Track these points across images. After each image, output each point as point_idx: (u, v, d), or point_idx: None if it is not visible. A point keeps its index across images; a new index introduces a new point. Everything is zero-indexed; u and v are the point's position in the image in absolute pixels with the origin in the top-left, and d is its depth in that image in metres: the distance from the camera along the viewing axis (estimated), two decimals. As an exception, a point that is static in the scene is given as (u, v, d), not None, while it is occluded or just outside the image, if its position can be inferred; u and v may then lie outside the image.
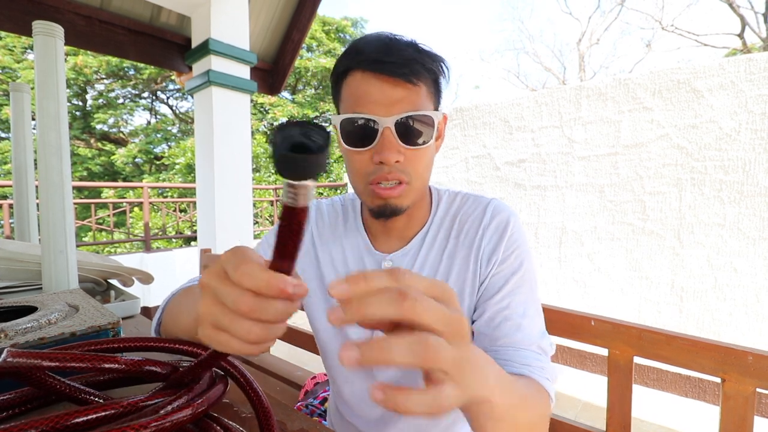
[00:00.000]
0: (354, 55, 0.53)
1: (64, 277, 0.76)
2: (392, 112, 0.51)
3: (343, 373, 0.66)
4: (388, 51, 0.51)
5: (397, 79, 0.51)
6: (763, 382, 0.60)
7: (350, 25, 12.66)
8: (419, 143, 0.53)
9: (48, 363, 0.31)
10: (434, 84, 0.55)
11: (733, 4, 9.70)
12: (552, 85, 14.31)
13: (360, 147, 0.53)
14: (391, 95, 0.51)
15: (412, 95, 0.52)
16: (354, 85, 0.53)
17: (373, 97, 0.51)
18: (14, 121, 1.16)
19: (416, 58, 0.51)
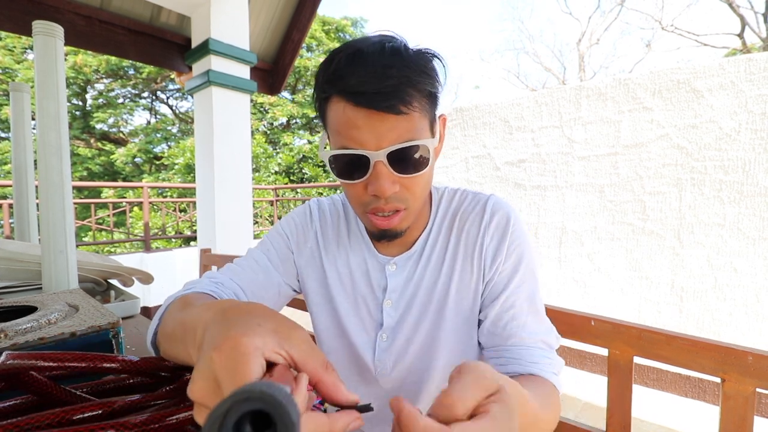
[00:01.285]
0: (336, 81, 0.48)
1: (64, 277, 0.76)
2: (383, 145, 0.47)
3: (344, 375, 0.66)
4: (372, 78, 0.45)
5: (385, 112, 0.46)
6: (763, 382, 0.60)
7: (350, 25, 12.65)
8: (414, 171, 0.50)
9: (45, 363, 0.30)
10: (429, 98, 0.50)
11: (733, 4, 9.70)
12: (552, 85, 14.32)
13: (352, 180, 0.50)
14: (379, 128, 0.47)
15: (402, 123, 0.47)
16: (338, 114, 0.49)
17: (362, 130, 0.47)
18: (14, 121, 1.16)
19: (404, 81, 0.46)
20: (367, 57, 0.46)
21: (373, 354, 0.61)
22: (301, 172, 10.50)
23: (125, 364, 0.36)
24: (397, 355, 0.60)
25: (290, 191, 8.43)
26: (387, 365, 0.60)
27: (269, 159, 10.29)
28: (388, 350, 0.60)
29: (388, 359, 0.60)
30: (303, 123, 12.37)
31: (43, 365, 0.31)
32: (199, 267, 1.74)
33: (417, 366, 0.59)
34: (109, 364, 0.35)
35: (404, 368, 0.60)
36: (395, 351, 0.60)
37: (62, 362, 0.32)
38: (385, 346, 0.60)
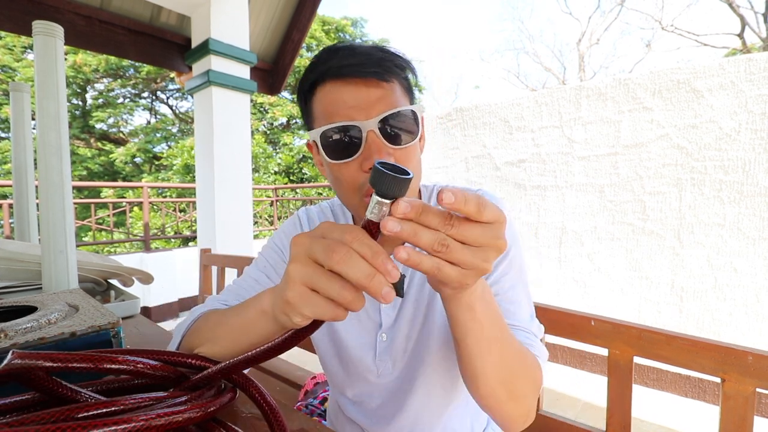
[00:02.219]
0: (319, 67, 0.51)
1: (64, 277, 0.75)
2: (372, 114, 0.48)
3: (345, 378, 0.66)
4: (353, 54, 0.49)
5: (370, 79, 0.49)
6: (763, 382, 0.60)
7: (350, 25, 12.66)
8: (406, 141, 0.51)
9: (53, 364, 0.30)
10: (406, 81, 0.54)
11: (733, 4, 9.70)
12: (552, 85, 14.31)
13: (345, 158, 0.49)
14: (367, 97, 0.49)
15: (389, 94, 0.50)
16: (325, 97, 0.50)
17: (349, 103, 0.48)
18: (14, 121, 1.16)
19: (383, 56, 0.50)
20: (348, 45, 0.51)
21: (374, 355, 0.61)
22: (301, 172, 10.50)
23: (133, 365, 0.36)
24: (397, 353, 0.61)
25: (290, 191, 8.43)
26: (388, 364, 0.61)
27: (269, 159, 10.29)
28: (389, 349, 0.61)
29: (389, 358, 0.61)
30: (302, 123, 12.33)
31: (50, 365, 0.31)
32: (199, 267, 1.74)
33: (415, 361, 0.60)
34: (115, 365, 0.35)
35: (404, 366, 0.61)
36: (395, 349, 0.60)
37: (69, 362, 0.32)
38: (385, 345, 0.61)
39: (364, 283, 0.27)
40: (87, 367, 0.32)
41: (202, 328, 0.50)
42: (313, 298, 0.30)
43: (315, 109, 0.52)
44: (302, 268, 0.30)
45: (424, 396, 0.60)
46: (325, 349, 0.66)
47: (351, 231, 0.29)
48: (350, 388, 0.66)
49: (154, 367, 0.37)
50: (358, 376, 0.63)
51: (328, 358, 0.67)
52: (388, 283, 0.28)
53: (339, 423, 0.71)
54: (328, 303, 0.29)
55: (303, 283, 0.30)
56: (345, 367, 0.64)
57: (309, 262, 0.30)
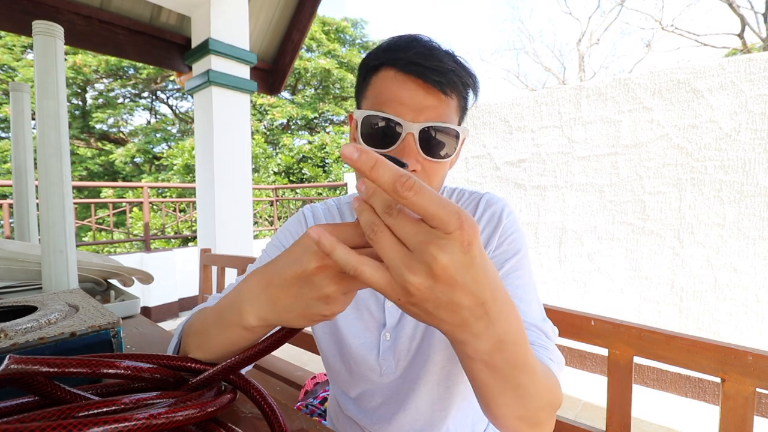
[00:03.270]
0: (391, 52, 0.50)
1: (64, 277, 0.75)
2: (419, 119, 0.48)
3: (347, 376, 0.66)
4: (428, 56, 0.48)
5: (432, 87, 0.48)
6: (763, 382, 0.60)
7: (350, 26, 12.65)
8: (440, 156, 0.51)
9: (49, 369, 0.30)
10: (464, 100, 0.54)
11: (733, 4, 9.70)
12: (552, 85, 14.31)
13: (379, 147, 0.50)
14: (422, 102, 0.49)
15: (443, 106, 0.50)
16: (385, 82, 0.50)
17: (403, 100, 0.49)
18: (14, 121, 1.16)
19: (454, 69, 0.49)
20: (427, 42, 0.50)
21: (377, 354, 0.61)
22: (301, 173, 10.50)
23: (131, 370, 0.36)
24: (401, 352, 0.61)
25: (290, 191, 8.43)
26: (392, 363, 0.61)
27: (269, 159, 10.30)
28: (392, 348, 0.61)
29: (392, 358, 0.61)
30: (302, 124, 12.37)
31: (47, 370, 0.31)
32: (199, 267, 1.74)
33: (418, 360, 0.60)
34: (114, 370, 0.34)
35: (407, 366, 0.61)
36: (399, 349, 0.60)
37: (66, 368, 0.31)
38: (388, 345, 0.61)
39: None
40: (84, 372, 0.32)
41: (191, 335, 0.48)
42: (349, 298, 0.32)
43: (371, 87, 0.53)
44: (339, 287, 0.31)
45: (426, 396, 0.60)
46: (328, 348, 0.66)
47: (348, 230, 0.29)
48: (352, 387, 0.66)
49: (152, 370, 0.37)
50: (360, 375, 0.63)
51: (330, 356, 0.67)
52: None
53: (339, 422, 0.71)
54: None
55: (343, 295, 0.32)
56: (347, 366, 0.64)
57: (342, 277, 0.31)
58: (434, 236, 0.23)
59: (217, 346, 0.42)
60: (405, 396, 0.61)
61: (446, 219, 0.23)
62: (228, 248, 3.06)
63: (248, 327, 0.37)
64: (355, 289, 0.31)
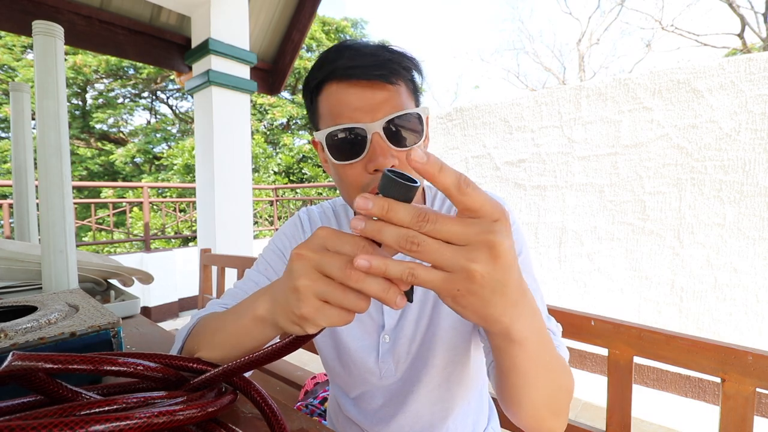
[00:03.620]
0: (325, 67, 0.51)
1: (64, 277, 0.75)
2: (377, 117, 0.48)
3: (347, 380, 0.65)
4: (360, 55, 0.49)
5: (376, 82, 0.49)
6: (763, 382, 0.60)
7: (350, 26, 12.65)
8: (411, 143, 0.51)
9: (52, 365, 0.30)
10: (412, 83, 0.54)
11: (733, 3, 9.70)
12: (552, 85, 14.31)
13: (350, 159, 0.50)
14: (373, 99, 0.49)
15: (394, 96, 0.50)
16: (331, 97, 0.51)
17: (355, 105, 0.49)
18: (14, 121, 1.16)
19: (390, 58, 0.50)
20: (356, 45, 0.51)
21: (377, 356, 0.61)
22: (301, 173, 10.50)
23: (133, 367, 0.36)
24: (400, 355, 0.60)
25: (290, 191, 8.43)
26: (391, 366, 0.61)
27: (269, 159, 10.29)
28: (391, 351, 0.60)
29: (392, 360, 0.60)
30: (303, 123, 12.36)
31: (51, 367, 0.31)
32: (199, 267, 1.74)
33: (418, 363, 0.60)
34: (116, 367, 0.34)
35: (407, 367, 0.60)
36: (398, 351, 0.60)
37: (69, 364, 0.32)
38: (387, 347, 0.60)
39: (382, 296, 0.27)
40: (87, 369, 0.32)
41: (201, 333, 0.49)
42: (327, 310, 0.30)
43: (321, 107, 0.53)
44: (314, 284, 0.30)
45: (426, 398, 0.60)
46: (327, 351, 0.66)
47: (354, 243, 0.28)
48: (352, 389, 0.66)
49: (155, 369, 0.37)
50: (360, 377, 0.63)
51: (329, 359, 0.66)
52: (401, 292, 0.28)
53: (339, 423, 0.71)
54: (341, 312, 0.30)
55: (317, 298, 0.30)
56: (347, 368, 0.64)
57: (319, 277, 0.30)
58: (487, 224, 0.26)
59: (227, 340, 0.43)
60: (405, 398, 0.61)
61: (491, 209, 0.26)
62: (228, 248, 3.06)
63: (257, 316, 0.39)
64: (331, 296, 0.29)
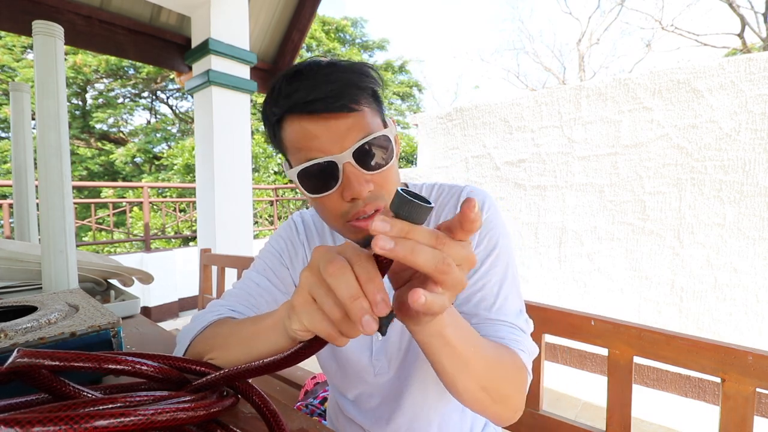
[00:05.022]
0: (282, 101, 0.50)
1: (64, 277, 0.75)
2: (346, 146, 0.48)
3: (343, 379, 0.66)
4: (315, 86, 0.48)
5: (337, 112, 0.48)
6: (763, 382, 0.60)
7: (350, 25, 12.66)
8: (384, 165, 0.50)
9: (57, 362, 0.30)
10: (373, 97, 0.53)
11: (733, 3, 9.69)
12: (552, 85, 14.31)
13: (325, 191, 0.50)
14: (338, 129, 0.48)
15: (358, 120, 0.49)
16: (294, 132, 0.50)
17: (320, 137, 0.48)
18: (14, 121, 1.16)
19: (346, 82, 0.48)
20: (307, 73, 0.49)
21: (370, 354, 0.62)
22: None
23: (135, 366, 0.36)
24: (392, 350, 0.61)
25: (290, 191, 8.43)
26: (384, 363, 0.61)
27: (269, 159, 10.29)
28: (384, 348, 0.61)
29: (385, 357, 0.61)
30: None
31: (55, 364, 0.31)
32: (199, 267, 1.74)
33: (410, 358, 0.60)
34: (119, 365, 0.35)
35: (400, 363, 0.61)
36: (390, 348, 0.61)
37: (73, 362, 0.32)
38: (380, 344, 0.61)
39: (347, 302, 0.27)
40: (91, 367, 0.32)
41: (214, 336, 0.49)
42: (310, 308, 0.30)
43: (285, 141, 0.52)
44: (310, 276, 0.30)
45: (419, 393, 0.61)
46: (323, 353, 0.67)
47: (361, 255, 0.29)
48: (349, 389, 0.66)
49: (157, 369, 0.37)
50: (355, 376, 0.63)
51: (325, 359, 0.67)
52: (371, 313, 0.27)
53: (339, 423, 0.72)
54: (323, 317, 0.29)
55: (308, 291, 0.30)
56: (342, 368, 0.65)
57: (317, 271, 0.30)
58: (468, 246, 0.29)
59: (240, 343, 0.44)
60: (400, 395, 0.61)
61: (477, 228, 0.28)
62: (228, 248, 3.06)
63: (274, 319, 0.39)
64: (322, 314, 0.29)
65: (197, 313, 0.57)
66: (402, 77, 14.17)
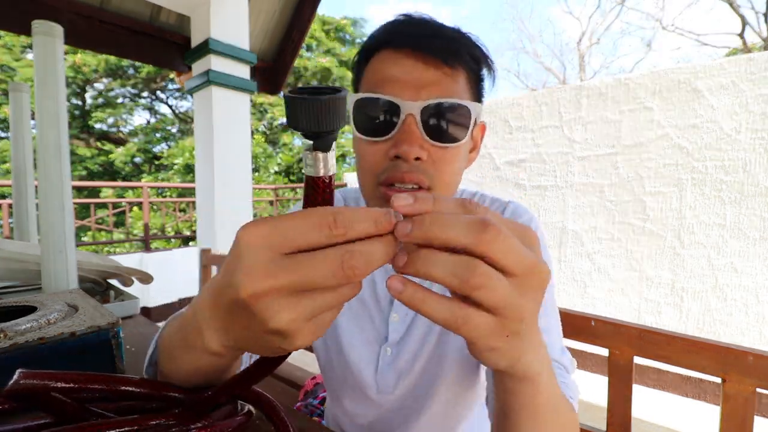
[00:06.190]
0: (386, 30, 0.45)
1: (63, 277, 0.75)
2: (420, 97, 0.41)
3: (342, 392, 0.63)
4: (428, 27, 0.43)
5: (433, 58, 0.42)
6: (764, 382, 0.60)
7: (350, 25, 12.65)
8: (449, 140, 0.43)
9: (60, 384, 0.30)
10: (475, 76, 0.47)
11: (734, 3, 9.70)
12: (552, 84, 14.30)
13: (375, 137, 0.43)
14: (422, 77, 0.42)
15: (448, 80, 0.43)
16: (378, 65, 0.44)
17: (400, 77, 0.42)
18: (13, 121, 1.16)
19: (457, 38, 0.43)
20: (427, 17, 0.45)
21: (375, 369, 0.56)
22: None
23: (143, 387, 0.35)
24: (402, 370, 0.55)
25: (290, 191, 8.43)
26: (390, 381, 0.55)
27: (269, 159, 10.29)
28: (392, 365, 0.55)
29: (392, 375, 0.55)
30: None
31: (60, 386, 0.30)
32: (199, 267, 1.74)
33: (421, 384, 0.54)
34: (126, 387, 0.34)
35: (408, 385, 0.55)
36: (400, 366, 0.55)
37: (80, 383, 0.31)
38: (389, 360, 0.55)
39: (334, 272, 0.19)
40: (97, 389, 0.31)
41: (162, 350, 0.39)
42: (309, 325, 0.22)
43: (366, 73, 0.46)
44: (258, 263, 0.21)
45: (428, 418, 0.55)
46: (324, 357, 0.63)
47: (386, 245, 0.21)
48: (347, 400, 0.62)
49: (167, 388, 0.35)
50: (354, 388, 0.59)
51: (325, 363, 0.63)
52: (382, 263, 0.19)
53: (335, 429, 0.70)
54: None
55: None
56: (342, 376, 0.60)
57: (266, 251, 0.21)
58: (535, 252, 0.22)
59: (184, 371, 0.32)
60: (406, 417, 0.56)
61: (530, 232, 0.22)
62: (228, 248, 3.05)
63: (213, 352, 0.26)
64: (322, 310, 0.21)
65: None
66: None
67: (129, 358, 0.59)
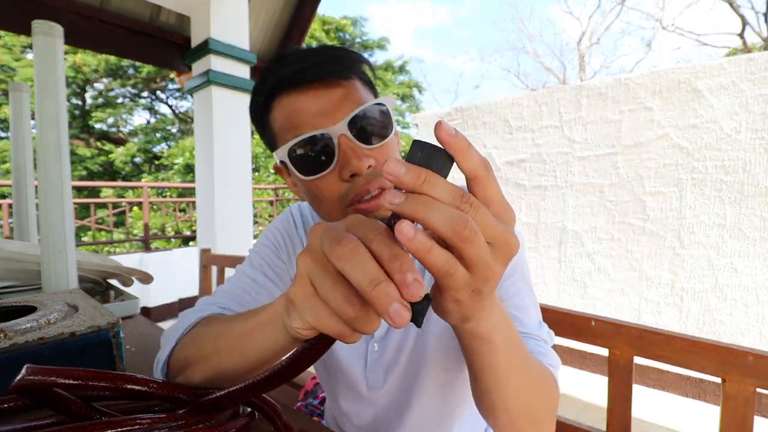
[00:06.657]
0: (270, 80, 0.46)
1: (63, 277, 0.75)
2: (339, 118, 0.44)
3: (333, 391, 0.63)
4: (304, 58, 0.45)
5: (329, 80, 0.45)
6: (764, 382, 0.60)
7: (350, 25, 12.65)
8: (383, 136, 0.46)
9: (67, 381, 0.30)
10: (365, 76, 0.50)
11: (734, 3, 9.70)
12: (552, 84, 14.30)
13: (320, 171, 0.45)
14: (330, 100, 0.44)
15: (352, 92, 0.46)
16: (283, 109, 0.46)
17: (312, 111, 0.44)
18: (13, 121, 1.16)
19: (337, 54, 0.46)
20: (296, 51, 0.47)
21: (364, 365, 0.58)
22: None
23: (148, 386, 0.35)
24: (389, 365, 0.57)
25: (290, 191, 8.42)
26: (379, 377, 0.57)
27: (269, 159, 10.30)
28: (380, 360, 0.57)
29: (380, 370, 0.57)
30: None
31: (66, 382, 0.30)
32: (199, 267, 1.74)
33: (408, 375, 0.56)
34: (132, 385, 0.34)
35: (396, 379, 0.57)
36: (386, 361, 0.57)
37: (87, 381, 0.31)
38: (376, 356, 0.57)
39: (367, 289, 0.20)
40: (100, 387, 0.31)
41: (202, 337, 0.44)
42: (313, 301, 0.24)
43: (274, 126, 0.48)
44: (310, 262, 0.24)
45: (421, 411, 0.57)
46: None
47: (378, 229, 0.22)
48: (342, 399, 0.62)
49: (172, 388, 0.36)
50: (347, 387, 0.60)
51: (318, 364, 0.63)
52: (401, 299, 0.20)
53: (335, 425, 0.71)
54: (330, 312, 0.23)
55: (309, 280, 0.24)
56: (333, 376, 0.61)
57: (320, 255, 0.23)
58: (506, 222, 0.24)
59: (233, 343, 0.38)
60: (398, 412, 0.58)
61: (507, 206, 0.25)
62: (228, 248, 3.06)
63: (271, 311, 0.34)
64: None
65: (185, 311, 0.51)
66: (402, 77, 14.17)
67: (129, 358, 0.59)
